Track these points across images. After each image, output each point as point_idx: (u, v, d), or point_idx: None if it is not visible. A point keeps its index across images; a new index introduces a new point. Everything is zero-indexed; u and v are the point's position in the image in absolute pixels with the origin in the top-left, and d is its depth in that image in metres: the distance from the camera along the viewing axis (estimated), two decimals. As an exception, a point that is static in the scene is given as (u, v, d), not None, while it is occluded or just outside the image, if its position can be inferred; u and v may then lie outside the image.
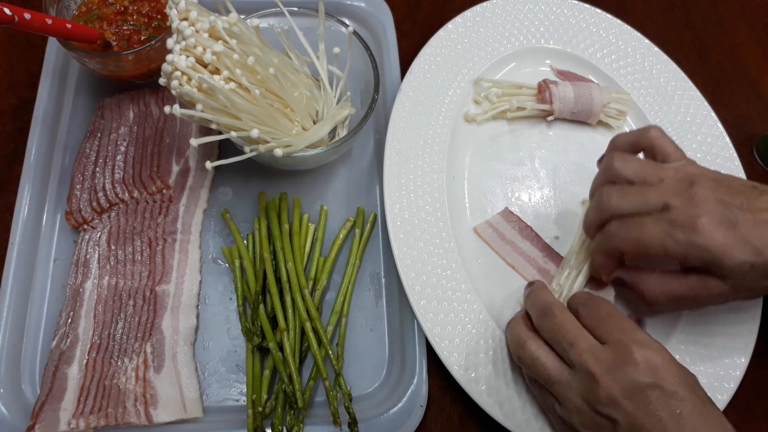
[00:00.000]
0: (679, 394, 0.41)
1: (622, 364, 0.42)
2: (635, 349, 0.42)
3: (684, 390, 0.41)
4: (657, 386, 0.41)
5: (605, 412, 0.42)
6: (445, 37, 0.64)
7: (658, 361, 0.42)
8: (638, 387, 0.41)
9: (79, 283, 0.53)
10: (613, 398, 0.41)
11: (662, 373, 0.41)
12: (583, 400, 0.43)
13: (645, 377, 0.41)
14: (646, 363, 0.41)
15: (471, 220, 0.58)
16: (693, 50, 0.73)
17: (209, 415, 0.51)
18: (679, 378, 0.42)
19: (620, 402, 0.41)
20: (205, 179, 0.59)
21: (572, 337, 0.45)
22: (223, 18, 0.48)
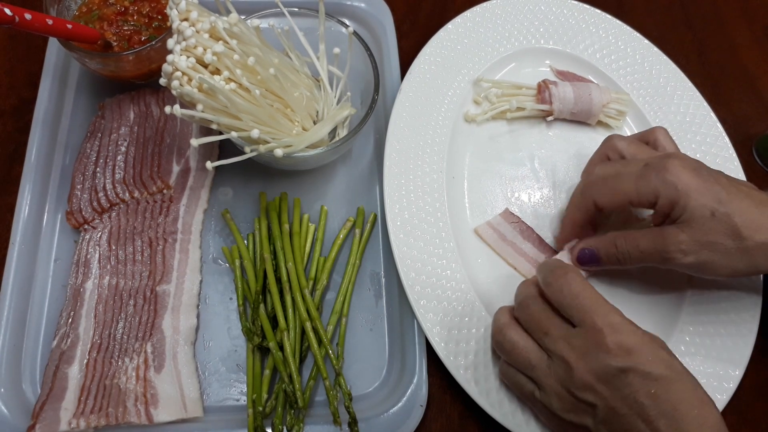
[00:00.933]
0: (653, 374, 0.41)
1: (595, 349, 0.42)
2: (607, 333, 0.42)
3: (658, 369, 0.41)
4: (630, 370, 0.41)
5: (583, 398, 0.42)
6: (445, 38, 0.64)
7: (630, 344, 0.42)
8: (612, 372, 0.41)
9: (80, 282, 0.54)
10: (589, 384, 0.42)
11: (635, 355, 0.42)
12: (562, 386, 0.43)
13: (618, 362, 0.41)
14: (618, 347, 0.42)
15: (471, 220, 0.58)
16: (692, 50, 0.74)
17: (209, 414, 0.51)
18: (653, 358, 0.42)
19: (596, 387, 0.42)
20: (205, 179, 0.59)
21: (546, 327, 0.45)
22: (223, 18, 0.48)
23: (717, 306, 0.56)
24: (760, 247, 0.45)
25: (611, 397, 0.41)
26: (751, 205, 0.46)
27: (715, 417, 0.41)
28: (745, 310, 0.55)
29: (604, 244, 0.51)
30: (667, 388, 0.41)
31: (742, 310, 0.55)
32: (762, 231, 0.45)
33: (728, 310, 0.56)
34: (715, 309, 0.56)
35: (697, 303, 0.56)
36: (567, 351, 0.43)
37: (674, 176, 0.46)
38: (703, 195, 0.45)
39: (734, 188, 0.46)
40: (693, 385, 0.42)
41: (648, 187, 0.47)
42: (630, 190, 0.47)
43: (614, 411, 0.41)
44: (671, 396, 0.41)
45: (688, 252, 0.46)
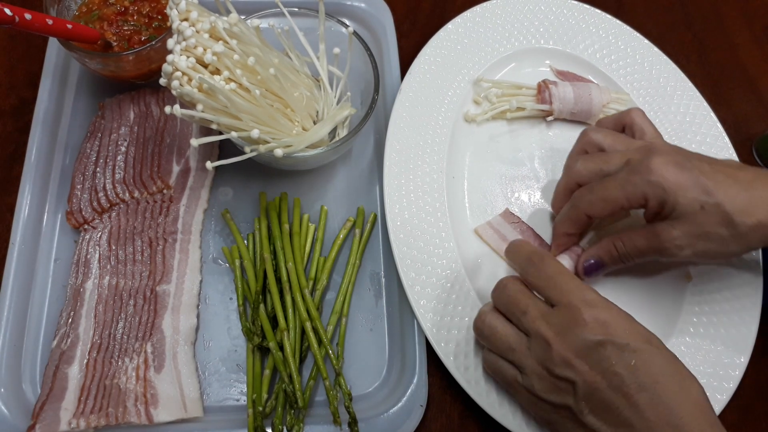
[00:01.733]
0: (630, 346, 0.41)
1: (572, 325, 0.42)
2: (584, 309, 0.43)
3: (636, 341, 0.41)
4: (608, 342, 0.41)
5: (562, 375, 0.42)
6: (445, 38, 0.64)
7: (606, 318, 0.42)
8: (589, 345, 0.41)
9: (80, 282, 0.54)
10: (567, 360, 0.42)
11: (612, 328, 0.42)
12: (541, 365, 0.43)
13: (595, 335, 0.41)
14: (595, 321, 0.42)
15: (471, 220, 0.58)
16: (692, 50, 0.74)
17: (209, 414, 0.51)
18: (630, 331, 0.42)
19: (574, 363, 0.42)
20: (205, 179, 0.59)
21: (524, 306, 0.45)
22: (223, 18, 0.48)
23: (717, 306, 0.56)
24: (752, 230, 0.46)
25: (589, 372, 0.41)
26: (739, 189, 0.46)
27: (697, 390, 0.41)
28: (745, 310, 0.55)
29: (605, 251, 0.51)
30: (646, 360, 0.41)
31: (742, 310, 0.55)
32: (752, 214, 0.45)
33: (728, 310, 0.56)
34: (715, 309, 0.56)
35: (696, 303, 0.56)
36: (545, 329, 0.43)
37: (659, 176, 0.46)
38: (691, 189, 0.46)
39: (720, 175, 0.46)
40: (673, 359, 0.42)
41: (636, 192, 0.47)
42: (619, 197, 0.48)
43: (593, 386, 0.41)
44: (651, 368, 0.40)
45: (683, 246, 0.47)
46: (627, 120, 0.54)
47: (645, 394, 0.40)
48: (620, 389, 0.40)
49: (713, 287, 0.57)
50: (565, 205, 0.52)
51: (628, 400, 0.40)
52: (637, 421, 0.40)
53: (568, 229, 0.52)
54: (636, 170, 0.47)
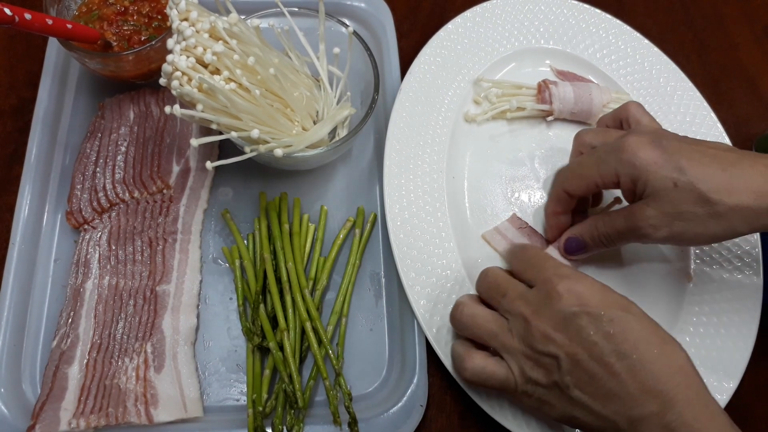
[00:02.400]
0: (606, 315, 0.41)
1: (547, 300, 0.43)
2: (557, 283, 0.43)
3: (612, 310, 0.41)
4: (584, 313, 0.41)
5: (544, 350, 0.42)
6: (445, 37, 0.64)
7: (580, 289, 0.42)
8: (566, 317, 0.42)
9: (80, 283, 0.53)
10: (547, 334, 0.42)
11: (586, 298, 0.42)
12: (524, 343, 0.43)
13: (570, 307, 0.42)
14: (569, 293, 0.42)
15: (471, 220, 0.58)
16: (693, 50, 0.73)
17: (209, 414, 0.51)
18: (605, 300, 0.42)
19: (553, 336, 0.42)
20: (205, 179, 0.59)
21: (503, 288, 0.46)
22: (223, 18, 0.48)
23: (717, 306, 0.56)
24: (733, 210, 0.44)
25: (569, 344, 0.41)
26: (717, 169, 0.45)
27: (680, 356, 0.40)
28: (745, 310, 0.55)
29: (587, 230, 0.52)
30: (624, 327, 0.40)
31: (742, 310, 0.55)
32: (733, 193, 0.44)
33: (728, 310, 0.56)
34: (715, 309, 0.56)
35: (696, 303, 0.56)
36: (523, 307, 0.44)
37: (630, 154, 0.46)
38: (662, 167, 0.45)
39: (698, 153, 0.45)
40: (652, 324, 0.42)
41: (608, 169, 0.47)
42: (593, 174, 0.48)
43: (575, 358, 0.41)
44: (629, 336, 0.40)
45: (659, 226, 0.46)
46: (623, 114, 0.54)
47: (625, 362, 0.39)
48: (600, 359, 0.40)
49: (713, 287, 0.57)
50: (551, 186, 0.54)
51: (608, 370, 0.40)
52: (620, 391, 0.39)
53: (555, 208, 0.53)
54: (610, 149, 0.47)
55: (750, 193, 0.44)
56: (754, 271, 0.57)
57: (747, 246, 0.58)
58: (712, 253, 0.58)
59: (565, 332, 0.41)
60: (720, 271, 0.57)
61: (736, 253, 0.58)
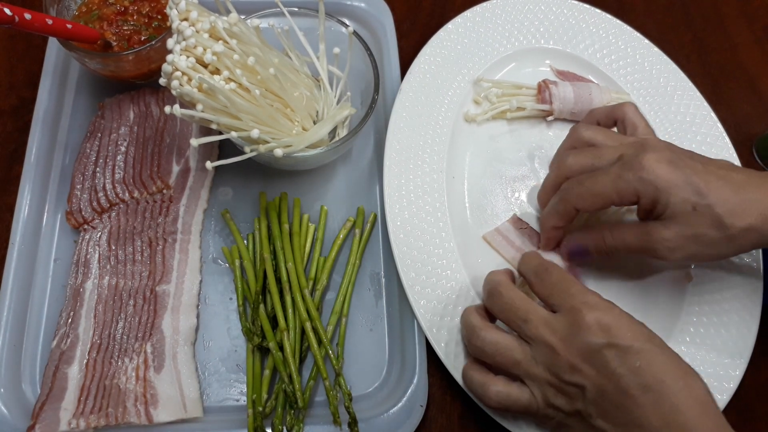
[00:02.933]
0: (634, 348, 0.41)
1: (575, 329, 0.42)
2: (586, 313, 0.42)
3: (639, 342, 0.41)
4: (612, 345, 0.41)
5: (571, 380, 0.42)
6: (445, 37, 0.64)
7: (609, 321, 0.42)
8: (594, 349, 0.41)
9: (80, 283, 0.53)
10: (574, 365, 0.42)
11: (615, 330, 0.42)
12: (549, 372, 0.43)
13: (599, 338, 0.41)
14: (597, 324, 0.42)
15: (471, 220, 0.58)
16: (693, 50, 0.73)
17: (209, 414, 0.51)
18: (633, 332, 0.42)
19: (581, 367, 0.42)
20: (205, 179, 0.59)
21: (524, 313, 0.45)
22: (223, 18, 0.48)
23: (717, 306, 0.56)
24: (742, 233, 0.45)
25: (597, 376, 0.41)
26: (730, 192, 0.45)
27: (701, 388, 0.41)
28: (745, 310, 0.55)
29: (593, 239, 0.51)
30: (650, 360, 0.41)
31: (742, 310, 0.55)
32: (743, 217, 0.45)
33: (728, 310, 0.55)
34: (715, 309, 0.56)
35: (696, 303, 0.56)
36: (549, 335, 0.43)
37: (652, 174, 0.45)
38: (683, 189, 0.45)
39: (712, 176, 0.46)
40: (676, 358, 0.42)
41: (628, 189, 0.46)
42: (610, 193, 0.47)
43: (601, 389, 0.41)
44: (654, 369, 0.40)
45: (675, 249, 0.47)
46: (619, 114, 0.54)
47: (650, 395, 0.40)
48: (626, 391, 0.40)
49: (713, 287, 0.57)
50: (553, 198, 0.52)
51: (634, 402, 0.40)
52: (643, 422, 0.40)
53: (557, 223, 0.52)
54: (628, 166, 0.46)
55: (758, 215, 0.45)
56: (754, 271, 0.57)
57: (747, 246, 0.58)
58: (712, 253, 0.58)
59: (593, 364, 0.41)
60: (720, 271, 0.57)
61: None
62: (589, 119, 0.56)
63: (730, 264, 0.57)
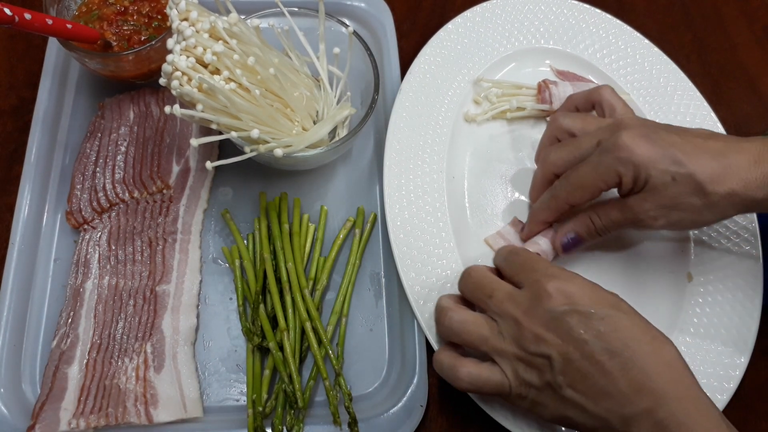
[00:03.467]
0: (597, 313, 0.41)
1: (537, 299, 0.43)
2: (547, 283, 0.43)
3: (602, 308, 0.41)
4: (574, 311, 0.41)
5: (537, 351, 0.42)
6: (445, 37, 0.64)
7: (570, 288, 0.42)
8: (556, 317, 0.42)
9: (80, 283, 0.53)
10: (538, 335, 0.42)
11: (577, 297, 0.42)
12: (516, 345, 0.43)
13: (560, 306, 0.42)
14: (558, 292, 0.42)
15: (471, 220, 0.58)
16: (693, 50, 0.73)
17: (209, 414, 0.51)
18: (595, 299, 0.42)
19: (545, 337, 0.42)
20: (205, 179, 0.59)
21: (489, 290, 0.45)
22: (223, 18, 0.48)
23: (717, 306, 0.56)
24: (724, 198, 0.46)
25: (561, 344, 0.41)
26: (709, 158, 0.46)
27: (670, 352, 0.41)
28: (745, 310, 0.55)
29: (581, 225, 0.52)
30: (615, 325, 0.41)
31: (742, 310, 0.55)
32: (723, 182, 0.45)
33: (728, 310, 0.56)
34: (715, 310, 0.56)
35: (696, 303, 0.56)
36: (513, 308, 0.43)
37: (628, 152, 0.46)
38: (661, 162, 0.45)
39: (689, 146, 0.46)
40: (643, 322, 0.42)
41: (609, 173, 0.47)
42: (596, 182, 0.48)
43: (567, 357, 0.41)
44: (620, 333, 0.40)
45: (657, 217, 0.47)
46: (596, 97, 0.54)
47: (617, 360, 0.40)
48: (592, 357, 0.40)
49: (713, 287, 0.57)
50: (544, 194, 0.53)
51: (600, 368, 0.40)
52: (612, 389, 0.40)
53: (548, 218, 0.53)
54: (606, 150, 0.47)
55: (739, 180, 0.45)
56: (754, 271, 0.57)
57: (747, 246, 0.58)
58: (713, 252, 0.58)
59: (556, 332, 0.41)
60: (720, 271, 0.57)
61: (737, 253, 0.58)
62: (568, 105, 0.57)
63: (730, 264, 0.57)
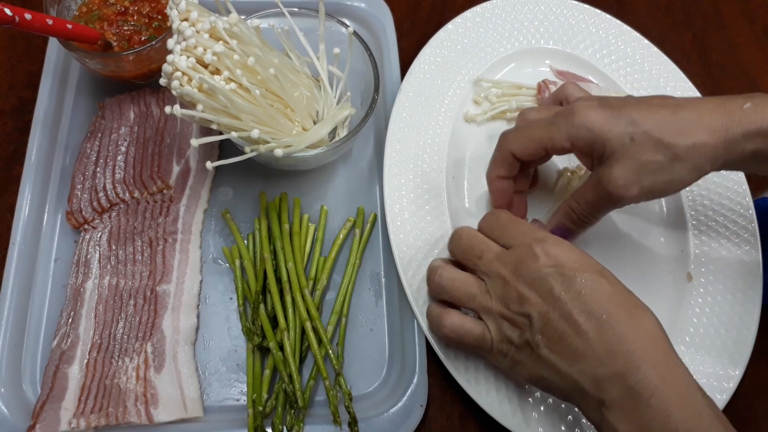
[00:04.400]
0: (580, 276, 0.41)
1: (525, 261, 0.43)
2: (535, 245, 0.43)
3: (585, 273, 0.42)
4: (558, 273, 0.42)
5: (519, 310, 0.43)
6: (445, 38, 0.64)
7: (557, 252, 0.43)
8: (540, 276, 0.42)
9: (80, 282, 0.54)
10: (522, 294, 0.42)
11: (562, 259, 0.42)
12: (502, 304, 0.44)
13: (546, 268, 0.42)
14: (545, 254, 0.43)
15: (471, 220, 0.58)
16: (693, 50, 0.74)
17: (210, 414, 0.51)
18: (581, 262, 0.42)
19: (528, 296, 0.42)
20: (205, 179, 0.59)
21: (479, 251, 0.46)
22: (223, 18, 0.48)
23: (717, 306, 0.56)
24: (692, 149, 0.45)
25: (541, 303, 0.42)
26: (666, 114, 0.45)
27: (649, 320, 0.41)
28: (745, 310, 0.55)
29: (564, 215, 0.51)
30: (596, 289, 0.41)
31: (742, 310, 0.55)
32: (688, 134, 0.44)
33: (728, 310, 0.56)
34: (715, 310, 0.56)
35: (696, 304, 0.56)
36: (501, 267, 0.44)
37: (582, 116, 0.46)
38: (616, 124, 0.45)
39: (645, 105, 0.46)
40: (626, 291, 0.42)
41: (559, 133, 0.47)
42: (543, 137, 0.48)
43: (545, 316, 0.41)
44: (599, 297, 0.41)
45: (628, 185, 0.46)
46: (561, 94, 0.54)
47: (593, 322, 0.40)
48: (569, 317, 0.40)
49: (713, 287, 0.57)
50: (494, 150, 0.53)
51: (576, 329, 0.40)
52: (586, 350, 0.40)
53: (498, 172, 0.52)
54: (560, 114, 0.48)
55: (702, 130, 0.45)
56: (754, 271, 0.57)
57: (747, 246, 0.58)
58: (713, 253, 0.58)
59: (538, 291, 0.42)
60: (720, 271, 0.57)
61: (736, 253, 0.58)
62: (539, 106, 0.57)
63: (730, 264, 0.57)
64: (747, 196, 0.60)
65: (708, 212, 0.60)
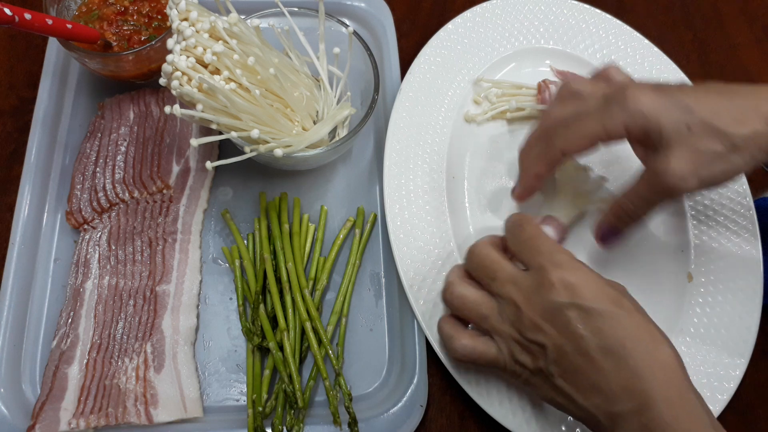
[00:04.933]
0: (598, 309, 0.40)
1: (539, 288, 0.42)
2: (551, 271, 0.42)
3: (604, 305, 0.41)
4: (574, 305, 0.41)
5: (533, 338, 0.42)
6: (445, 38, 0.64)
7: (574, 280, 0.41)
8: (556, 308, 0.41)
9: (80, 283, 0.53)
10: (536, 323, 0.42)
11: (579, 290, 0.41)
12: (514, 329, 0.43)
13: (562, 298, 0.41)
14: (561, 283, 0.41)
15: (471, 220, 0.58)
16: (693, 50, 0.73)
17: (209, 414, 0.51)
18: (598, 293, 0.41)
19: (542, 326, 0.41)
20: (205, 179, 0.59)
21: (493, 271, 0.45)
22: (223, 18, 0.48)
23: (717, 306, 0.56)
24: (750, 139, 0.43)
25: (557, 336, 0.41)
26: (722, 100, 0.43)
27: (668, 355, 0.40)
28: (745, 310, 0.55)
29: (614, 214, 0.49)
30: (614, 323, 0.40)
31: (742, 310, 0.55)
32: (746, 123, 0.43)
33: (728, 310, 0.56)
34: (716, 310, 0.56)
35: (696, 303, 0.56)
36: (514, 292, 0.43)
37: (637, 102, 0.43)
38: (672, 111, 0.43)
39: (700, 92, 0.44)
40: (644, 322, 0.41)
41: (615, 123, 0.44)
42: (597, 130, 0.45)
43: (561, 350, 0.41)
44: (618, 332, 0.40)
45: (686, 177, 0.43)
46: (602, 74, 0.52)
47: (610, 359, 0.39)
48: (586, 353, 0.40)
49: (713, 287, 0.57)
50: (539, 146, 0.49)
51: (594, 365, 0.40)
52: (603, 386, 0.39)
53: (540, 170, 0.49)
54: (613, 101, 0.44)
55: (760, 119, 0.43)
56: (754, 271, 0.57)
57: (747, 246, 0.58)
58: (713, 253, 0.58)
59: (554, 323, 0.41)
60: (720, 271, 0.57)
61: (737, 254, 0.58)
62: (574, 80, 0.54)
63: (730, 264, 0.57)
64: (747, 196, 0.60)
65: (708, 212, 0.60)
